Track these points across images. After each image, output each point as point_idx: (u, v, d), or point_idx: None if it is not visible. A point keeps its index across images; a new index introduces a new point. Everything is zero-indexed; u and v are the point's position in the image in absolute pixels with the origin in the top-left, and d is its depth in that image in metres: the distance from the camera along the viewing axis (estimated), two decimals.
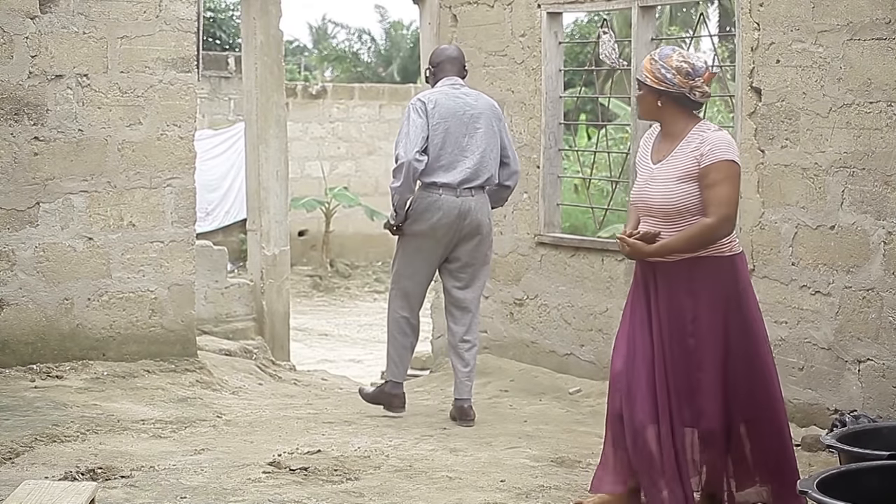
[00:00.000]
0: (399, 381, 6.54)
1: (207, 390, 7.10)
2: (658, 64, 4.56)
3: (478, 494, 4.93)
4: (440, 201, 6.27)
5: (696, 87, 4.54)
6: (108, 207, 7.20)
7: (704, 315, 4.50)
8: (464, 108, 6.33)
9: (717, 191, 4.45)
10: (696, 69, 4.54)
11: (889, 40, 5.69)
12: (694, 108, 4.62)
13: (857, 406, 5.83)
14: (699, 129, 4.57)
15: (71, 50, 7.01)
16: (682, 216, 4.51)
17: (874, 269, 5.80)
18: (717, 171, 4.46)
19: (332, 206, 17.52)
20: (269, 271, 9.74)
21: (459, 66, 6.51)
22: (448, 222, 6.30)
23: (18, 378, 6.77)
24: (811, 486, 3.63)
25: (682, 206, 4.50)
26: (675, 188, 4.51)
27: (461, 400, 6.47)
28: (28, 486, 4.02)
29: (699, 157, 4.48)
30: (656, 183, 4.56)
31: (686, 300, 4.52)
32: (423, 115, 6.23)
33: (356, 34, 29.99)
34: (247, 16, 9.74)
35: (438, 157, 6.26)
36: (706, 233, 4.47)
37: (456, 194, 6.28)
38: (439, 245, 6.38)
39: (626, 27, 11.23)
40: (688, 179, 4.50)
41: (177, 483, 4.98)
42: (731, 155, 4.49)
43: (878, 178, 5.76)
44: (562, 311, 7.73)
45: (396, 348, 6.53)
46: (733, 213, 4.50)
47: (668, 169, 4.55)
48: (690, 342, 4.51)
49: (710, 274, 4.51)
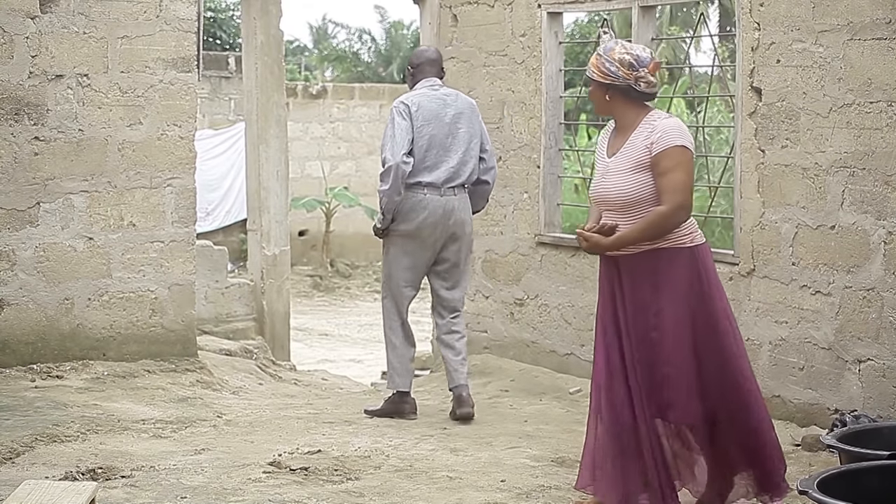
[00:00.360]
0: (407, 391, 6.55)
1: (208, 390, 7.10)
2: (602, 58, 4.53)
3: (478, 494, 4.93)
4: (425, 201, 6.33)
5: (641, 78, 4.49)
6: (108, 207, 7.20)
7: (668, 308, 4.45)
8: (445, 109, 6.41)
9: (670, 178, 4.41)
10: (640, 60, 4.50)
11: (889, 40, 5.69)
12: (643, 99, 4.55)
13: (857, 406, 5.83)
14: (649, 118, 4.52)
15: (71, 50, 7.02)
16: (637, 207, 4.47)
17: (874, 268, 5.79)
18: (668, 157, 4.42)
19: (332, 206, 17.52)
20: (269, 271, 9.75)
21: (438, 68, 6.60)
22: (433, 221, 6.36)
23: (19, 378, 6.77)
24: (811, 486, 3.63)
25: (636, 196, 4.47)
26: (629, 179, 4.47)
27: (459, 387, 6.49)
28: (28, 485, 4.02)
29: (650, 146, 4.44)
30: (611, 176, 4.54)
31: (649, 294, 4.48)
32: (408, 118, 6.30)
33: (356, 34, 30.02)
34: (247, 16, 9.74)
35: (423, 158, 6.33)
36: (660, 221, 4.42)
37: (440, 193, 6.35)
38: (426, 246, 6.42)
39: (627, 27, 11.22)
40: (640, 169, 4.46)
41: (177, 483, 4.98)
42: (681, 140, 4.44)
43: (879, 177, 5.76)
44: (562, 310, 7.73)
45: (399, 357, 6.54)
46: (687, 200, 4.43)
47: (621, 161, 4.52)
48: (654, 336, 4.47)
49: (672, 266, 4.46)
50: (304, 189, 17.38)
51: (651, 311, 4.48)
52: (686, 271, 4.48)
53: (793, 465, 5.40)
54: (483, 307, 8.31)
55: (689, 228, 4.51)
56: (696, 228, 4.57)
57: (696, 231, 4.56)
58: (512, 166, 8.00)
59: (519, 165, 7.95)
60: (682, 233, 4.48)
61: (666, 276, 4.47)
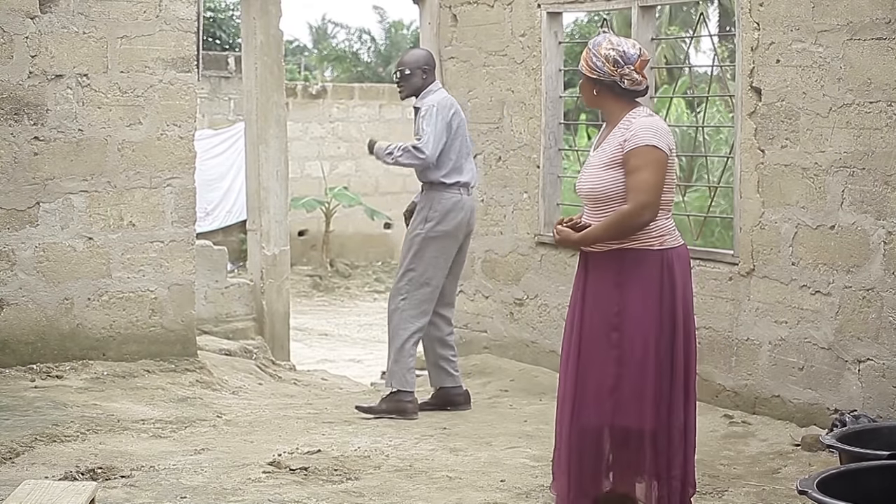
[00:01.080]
0: (412, 391, 6.58)
1: (207, 390, 7.10)
2: (591, 52, 4.49)
3: (478, 494, 4.94)
4: (462, 201, 6.60)
5: (626, 76, 4.41)
6: (108, 207, 7.20)
7: (631, 309, 4.37)
8: (461, 113, 6.74)
9: (637, 177, 4.34)
10: (626, 57, 4.43)
11: (889, 40, 5.68)
12: (631, 95, 4.49)
13: (857, 406, 5.83)
14: (630, 115, 4.46)
15: (71, 50, 7.02)
16: (607, 203, 4.40)
17: (874, 268, 5.79)
18: (636, 156, 4.35)
19: (332, 206, 17.51)
20: (269, 271, 9.74)
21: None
22: (467, 220, 6.65)
23: (18, 378, 6.77)
24: (811, 486, 3.63)
25: (606, 192, 4.41)
26: (600, 175, 4.43)
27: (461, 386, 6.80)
28: (28, 485, 4.02)
29: (623, 143, 4.39)
30: (588, 170, 4.52)
31: (612, 292, 4.40)
32: (449, 120, 6.55)
33: (356, 34, 30.01)
34: (247, 16, 9.74)
35: (457, 159, 6.60)
36: (623, 220, 4.35)
37: (468, 193, 6.67)
38: (456, 243, 6.65)
39: (626, 27, 11.22)
40: (613, 166, 4.41)
41: (177, 483, 4.98)
42: (653, 140, 4.36)
43: (878, 177, 5.76)
44: (562, 310, 7.72)
45: (410, 357, 6.56)
46: (653, 200, 4.34)
47: (598, 156, 4.49)
48: (613, 336, 4.39)
49: (638, 267, 4.37)
50: (304, 189, 17.37)
51: (613, 311, 4.40)
52: (653, 273, 4.38)
53: (792, 464, 5.41)
54: (483, 307, 8.31)
55: (661, 231, 4.40)
56: (671, 231, 4.45)
57: (669, 234, 4.44)
58: (511, 166, 8.00)
59: (518, 165, 7.95)
60: (650, 234, 4.39)
61: (630, 276, 4.39)
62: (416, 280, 6.54)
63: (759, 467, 5.46)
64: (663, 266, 4.39)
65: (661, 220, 4.40)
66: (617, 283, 4.40)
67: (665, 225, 4.43)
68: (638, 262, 4.39)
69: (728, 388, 6.51)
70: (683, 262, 4.48)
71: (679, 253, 4.45)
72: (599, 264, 4.46)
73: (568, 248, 4.57)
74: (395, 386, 6.54)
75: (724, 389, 6.56)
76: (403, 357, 6.53)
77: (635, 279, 4.38)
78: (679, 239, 4.49)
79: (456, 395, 6.79)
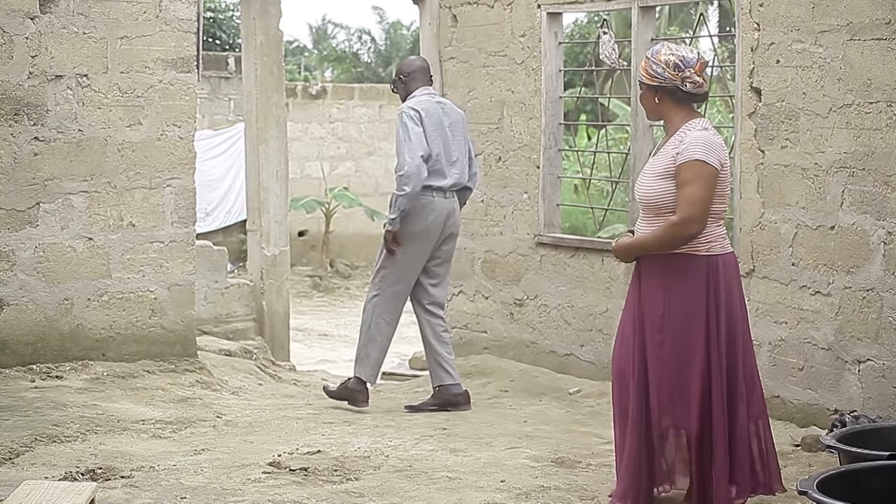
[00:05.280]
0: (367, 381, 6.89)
1: (207, 390, 7.10)
2: (650, 61, 4.59)
3: (478, 495, 4.93)
4: (433, 203, 6.69)
5: (686, 79, 4.52)
6: (107, 208, 7.20)
7: (677, 311, 4.49)
8: (445, 117, 6.77)
9: (685, 190, 4.45)
10: (685, 61, 4.53)
11: (889, 40, 5.69)
12: (691, 100, 4.59)
13: (857, 406, 5.83)
14: (686, 126, 4.55)
15: (71, 50, 7.02)
16: (659, 211, 4.52)
17: (874, 269, 5.79)
18: (686, 170, 4.45)
19: (331, 207, 17.51)
20: (268, 271, 9.74)
21: (428, 76, 6.94)
22: (440, 222, 6.73)
23: (18, 378, 6.77)
24: (811, 487, 3.63)
25: (658, 201, 4.51)
26: (654, 184, 4.53)
27: (459, 385, 6.89)
28: (28, 486, 4.02)
29: (676, 156, 4.49)
30: (644, 177, 4.62)
31: (659, 295, 4.54)
32: (419, 124, 6.61)
33: (356, 34, 30.01)
34: (247, 16, 9.73)
35: (435, 162, 6.66)
36: (671, 232, 4.47)
37: (445, 196, 6.74)
38: (428, 245, 6.76)
39: (626, 27, 11.23)
40: (666, 176, 4.50)
41: (177, 483, 4.98)
42: (702, 156, 4.44)
43: (878, 178, 5.76)
44: (562, 311, 7.73)
45: (379, 352, 6.89)
46: (699, 214, 4.44)
47: (653, 164, 4.60)
48: (658, 338, 4.53)
49: (683, 271, 4.50)
50: (304, 189, 17.37)
51: (657, 313, 4.53)
52: (699, 278, 4.49)
53: (792, 465, 5.40)
54: (483, 307, 8.31)
55: (709, 237, 4.51)
56: (719, 238, 4.55)
57: (717, 241, 4.54)
58: (511, 167, 8.00)
59: (518, 166, 7.96)
60: (698, 240, 4.50)
61: (676, 280, 4.51)
62: (387, 278, 6.82)
63: None
64: (709, 271, 4.51)
65: (710, 226, 4.52)
66: (663, 286, 4.54)
67: (714, 231, 4.54)
68: (684, 267, 4.51)
69: None
70: (730, 268, 4.59)
71: (726, 260, 4.57)
72: (649, 269, 4.60)
73: (620, 256, 4.68)
74: (356, 373, 6.90)
75: None
76: (372, 348, 6.84)
77: (681, 283, 4.51)
78: (728, 247, 4.61)
79: (455, 394, 6.85)
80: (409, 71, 6.87)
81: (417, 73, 6.86)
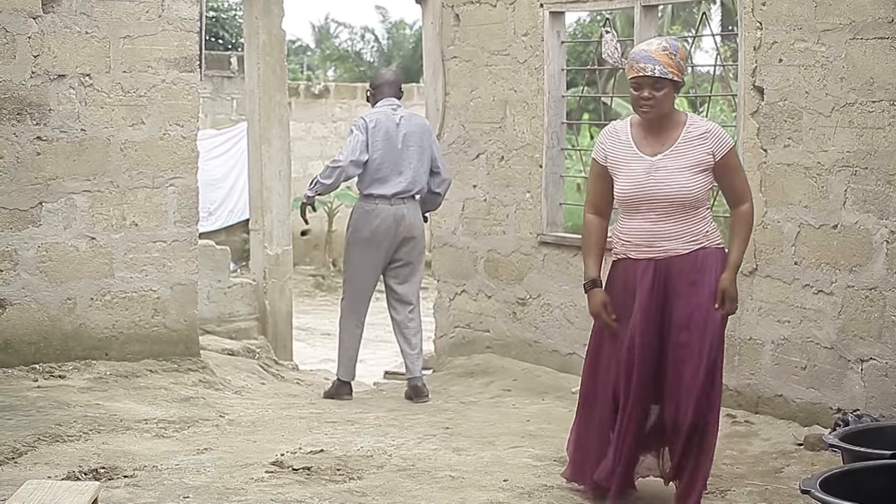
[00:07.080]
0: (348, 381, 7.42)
1: (210, 390, 7.10)
2: (677, 58, 4.57)
3: (480, 494, 4.93)
4: (377, 209, 7.15)
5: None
6: (110, 207, 7.20)
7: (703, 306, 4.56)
8: (398, 129, 7.18)
9: (740, 176, 4.62)
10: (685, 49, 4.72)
11: (892, 39, 5.68)
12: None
13: (859, 405, 5.83)
14: (691, 119, 4.64)
15: (73, 50, 7.02)
16: (692, 206, 4.53)
17: (877, 268, 5.79)
18: (734, 156, 4.60)
19: (334, 206, 17.51)
20: (271, 271, 9.74)
21: (396, 89, 7.38)
22: (386, 227, 7.17)
23: (21, 378, 6.77)
24: (814, 486, 3.63)
25: (696, 195, 4.54)
26: (692, 179, 4.53)
27: (414, 378, 7.32)
28: (31, 485, 4.02)
29: (711, 148, 4.52)
30: (665, 174, 4.54)
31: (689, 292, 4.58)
32: (364, 133, 7.11)
33: (359, 33, 30.02)
34: (249, 15, 9.73)
35: (377, 170, 7.12)
36: (751, 221, 4.68)
37: (390, 203, 7.15)
38: (380, 249, 7.21)
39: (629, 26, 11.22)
40: (703, 170, 4.55)
41: (179, 483, 4.98)
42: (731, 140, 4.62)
43: (881, 177, 5.76)
44: (564, 310, 7.73)
45: (346, 351, 7.41)
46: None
47: (676, 159, 4.54)
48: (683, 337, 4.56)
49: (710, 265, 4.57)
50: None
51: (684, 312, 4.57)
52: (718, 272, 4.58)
53: (795, 464, 5.41)
54: (485, 307, 8.31)
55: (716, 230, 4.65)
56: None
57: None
58: (514, 166, 8.00)
59: (521, 165, 7.95)
60: (717, 234, 4.62)
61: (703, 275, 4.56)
62: (347, 283, 7.39)
63: (761, 467, 5.46)
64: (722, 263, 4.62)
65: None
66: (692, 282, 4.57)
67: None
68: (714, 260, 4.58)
69: (731, 388, 6.50)
70: None
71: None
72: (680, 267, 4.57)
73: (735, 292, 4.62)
74: (336, 374, 7.49)
75: (726, 389, 6.53)
76: (342, 349, 7.42)
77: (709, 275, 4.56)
78: None
79: (410, 387, 7.29)
80: (377, 84, 7.40)
81: (384, 86, 7.35)
